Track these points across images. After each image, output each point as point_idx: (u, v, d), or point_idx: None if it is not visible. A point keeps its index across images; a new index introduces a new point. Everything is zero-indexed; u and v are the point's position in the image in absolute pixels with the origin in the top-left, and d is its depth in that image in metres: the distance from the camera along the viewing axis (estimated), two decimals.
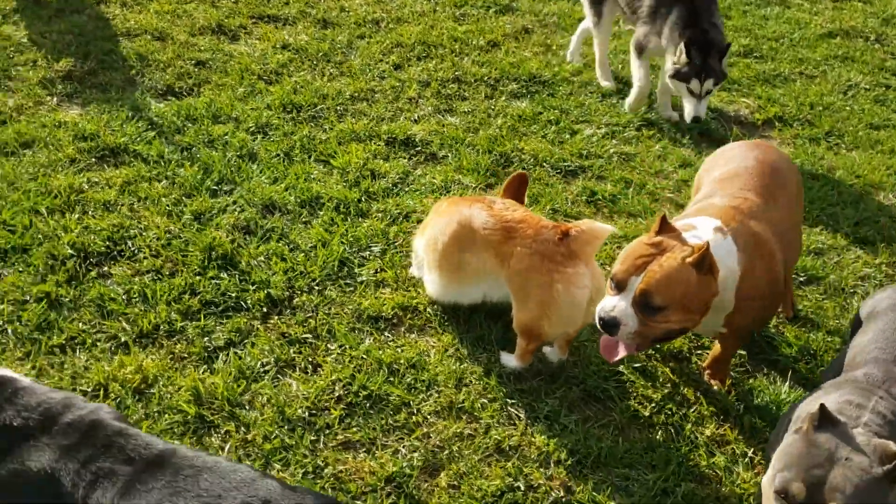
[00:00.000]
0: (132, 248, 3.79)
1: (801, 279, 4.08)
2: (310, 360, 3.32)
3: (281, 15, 6.45)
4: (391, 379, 3.24)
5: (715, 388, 3.35)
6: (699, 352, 3.58)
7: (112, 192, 4.14)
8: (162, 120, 4.84)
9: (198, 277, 3.66)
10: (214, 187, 4.30)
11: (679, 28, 5.27)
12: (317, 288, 3.70)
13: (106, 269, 3.68)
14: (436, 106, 5.44)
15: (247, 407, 3.08)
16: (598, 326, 2.96)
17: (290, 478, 2.81)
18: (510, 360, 3.35)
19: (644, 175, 4.94)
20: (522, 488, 2.86)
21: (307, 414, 3.07)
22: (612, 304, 2.92)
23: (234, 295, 3.59)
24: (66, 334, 3.28)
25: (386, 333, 3.49)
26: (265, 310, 3.55)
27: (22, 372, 3.10)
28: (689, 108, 5.31)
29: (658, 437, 3.13)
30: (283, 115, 5.10)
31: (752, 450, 3.11)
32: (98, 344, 3.28)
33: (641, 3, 5.56)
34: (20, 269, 3.57)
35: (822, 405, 2.30)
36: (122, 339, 3.30)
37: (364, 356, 3.32)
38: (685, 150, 5.25)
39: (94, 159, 4.42)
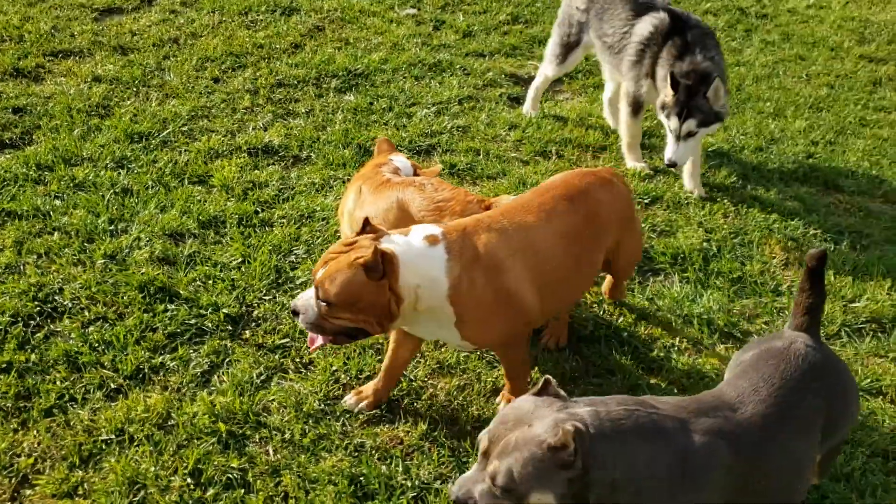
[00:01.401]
0: (64, 303, 3.73)
1: (647, 201, 4.91)
2: (298, 360, 3.55)
3: (73, 48, 6.23)
4: (380, 357, 3.57)
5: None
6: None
7: (9, 255, 3.98)
8: (12, 174, 4.63)
9: (147, 315, 3.71)
10: (110, 228, 4.27)
11: (671, 61, 4.77)
12: (267, 298, 3.90)
13: (51, 327, 3.60)
14: (274, 112, 5.65)
15: (266, 414, 3.28)
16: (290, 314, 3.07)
17: (343, 460, 3.09)
18: None
19: (484, 142, 5.54)
20: None
21: (323, 406, 3.33)
22: (302, 294, 2.98)
23: (192, 322, 3.69)
24: (53, 394, 3.24)
25: None
26: (230, 328, 3.70)
27: (36, 440, 3.06)
28: (667, 148, 4.80)
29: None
30: (134, 145, 5.06)
31: None
32: (89, 395, 3.27)
33: (629, 41, 5.05)
34: None
35: (547, 378, 2.34)
36: (113, 386, 3.32)
37: None
38: (508, 115, 5.91)
39: None
